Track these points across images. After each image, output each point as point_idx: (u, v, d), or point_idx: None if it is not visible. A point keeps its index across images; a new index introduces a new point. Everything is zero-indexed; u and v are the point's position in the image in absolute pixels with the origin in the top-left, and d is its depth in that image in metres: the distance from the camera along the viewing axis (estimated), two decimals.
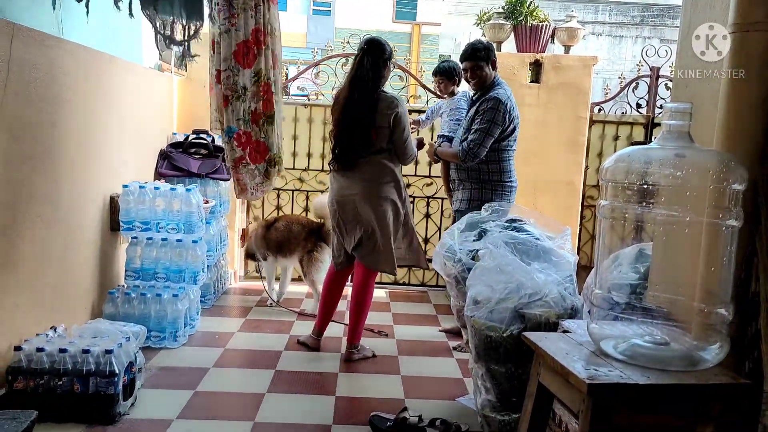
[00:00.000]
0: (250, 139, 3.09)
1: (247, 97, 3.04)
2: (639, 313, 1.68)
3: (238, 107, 3.03)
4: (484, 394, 2.49)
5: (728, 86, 1.57)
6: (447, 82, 4.02)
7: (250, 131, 3.08)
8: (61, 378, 2.53)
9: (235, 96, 3.02)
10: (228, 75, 3.03)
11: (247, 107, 3.05)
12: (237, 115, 3.04)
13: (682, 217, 1.54)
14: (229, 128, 3.05)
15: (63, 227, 3.09)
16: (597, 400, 1.40)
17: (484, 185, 3.56)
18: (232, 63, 3.02)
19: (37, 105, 2.78)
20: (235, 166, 3.15)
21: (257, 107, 3.06)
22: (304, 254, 4.30)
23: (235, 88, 3.02)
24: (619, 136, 5.20)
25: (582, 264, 4.98)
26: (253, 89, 3.05)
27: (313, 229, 4.32)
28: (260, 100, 3.06)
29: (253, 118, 3.07)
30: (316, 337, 3.61)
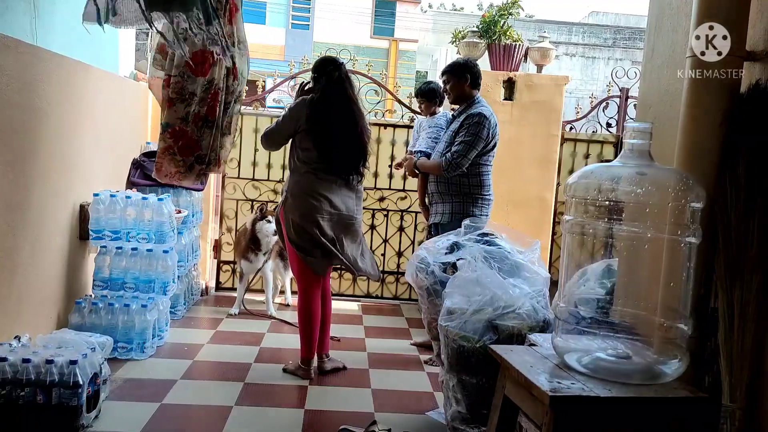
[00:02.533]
0: (186, 135, 3.10)
1: (193, 102, 3.06)
2: (603, 327, 1.71)
3: (181, 109, 3.04)
4: (455, 406, 2.50)
5: (687, 108, 1.63)
6: (428, 103, 4.15)
7: (187, 129, 3.09)
8: (24, 389, 2.47)
9: (180, 99, 3.02)
10: (177, 81, 3.03)
11: (192, 110, 3.07)
12: (179, 114, 3.05)
13: (643, 233, 1.58)
14: (166, 124, 3.06)
15: (30, 234, 3.04)
16: (559, 412, 1.42)
17: (465, 198, 3.62)
18: (183, 70, 3.03)
19: (7, 111, 2.75)
20: (161, 153, 3.15)
21: (200, 110, 3.08)
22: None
23: (183, 93, 3.02)
24: (590, 154, 5.30)
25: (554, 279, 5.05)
26: (202, 95, 3.06)
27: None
28: (206, 105, 3.08)
29: (194, 119, 3.09)
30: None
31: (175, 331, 3.94)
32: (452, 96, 3.71)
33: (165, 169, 3.17)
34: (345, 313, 4.83)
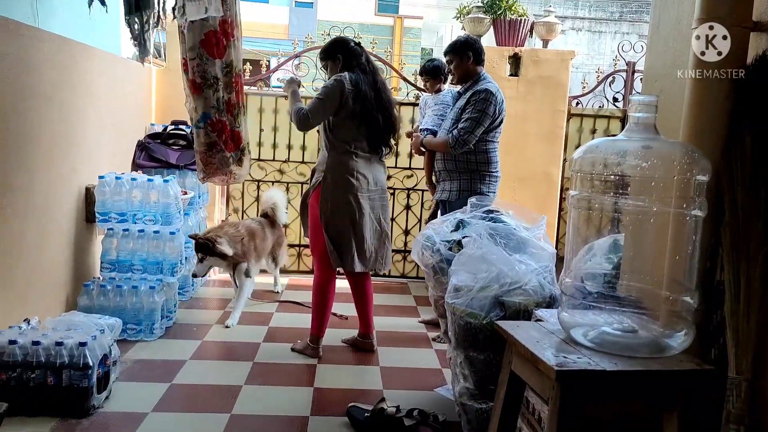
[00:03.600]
0: (226, 128, 3.08)
1: (219, 87, 3.03)
2: (610, 301, 1.71)
3: (210, 95, 3.02)
4: (462, 382, 2.51)
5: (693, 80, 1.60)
6: (432, 80, 4.10)
7: (225, 120, 3.07)
8: (34, 371, 2.50)
9: (207, 84, 3.00)
10: (197, 63, 3.01)
11: (221, 96, 3.05)
12: (211, 102, 3.02)
13: (649, 207, 1.57)
14: (205, 114, 3.03)
15: (37, 218, 3.06)
16: (566, 386, 1.42)
17: (473, 175, 3.59)
18: (199, 52, 3.00)
19: (10, 94, 2.75)
20: (207, 150, 3.12)
21: (231, 97, 3.06)
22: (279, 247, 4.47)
23: (206, 77, 3.00)
24: (597, 129, 5.26)
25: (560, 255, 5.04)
26: (225, 80, 3.04)
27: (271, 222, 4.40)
28: (233, 91, 3.05)
29: (227, 108, 3.06)
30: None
31: (184, 312, 3.98)
32: (457, 76, 3.65)
33: (217, 170, 3.15)
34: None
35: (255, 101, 5.13)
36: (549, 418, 1.45)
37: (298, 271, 5.36)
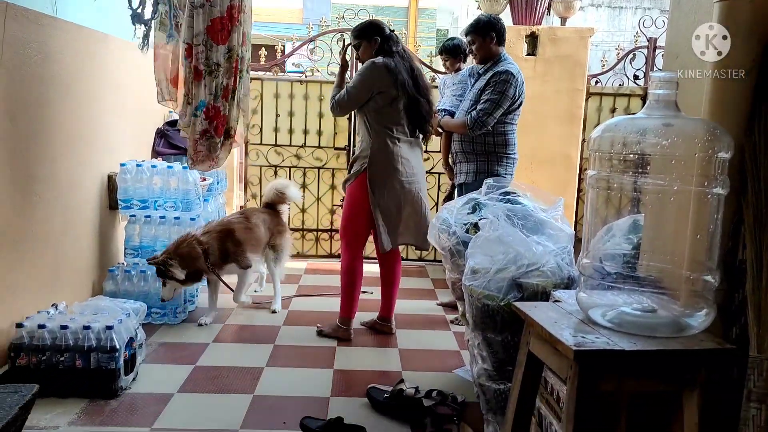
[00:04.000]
0: (219, 113, 3.09)
1: (220, 73, 3.03)
2: (629, 282, 1.70)
3: (211, 83, 3.02)
4: (481, 363, 2.53)
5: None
6: (452, 59, 4.07)
7: (219, 105, 3.08)
8: (63, 354, 2.57)
9: (208, 71, 3.00)
10: (201, 50, 3.01)
11: (220, 83, 3.04)
12: (210, 90, 3.02)
13: (669, 186, 1.55)
14: (201, 102, 3.04)
15: (62, 206, 3.11)
16: (584, 366, 1.43)
17: (490, 157, 3.57)
18: (204, 38, 3.00)
19: (31, 84, 2.78)
20: (200, 137, 3.14)
21: (228, 83, 3.06)
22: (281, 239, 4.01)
23: (209, 64, 3.00)
24: (616, 108, 5.19)
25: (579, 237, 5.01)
26: (227, 65, 3.04)
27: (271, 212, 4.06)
28: (231, 76, 3.06)
29: (224, 93, 3.07)
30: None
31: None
32: (479, 56, 3.59)
33: (206, 156, 3.17)
34: (372, 276, 4.86)
35: (271, 86, 5.15)
36: (567, 398, 1.45)
37: (316, 256, 5.40)
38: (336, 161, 5.32)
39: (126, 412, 2.51)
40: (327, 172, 5.32)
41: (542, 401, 1.96)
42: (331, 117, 5.24)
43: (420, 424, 2.52)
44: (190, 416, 2.50)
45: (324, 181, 5.33)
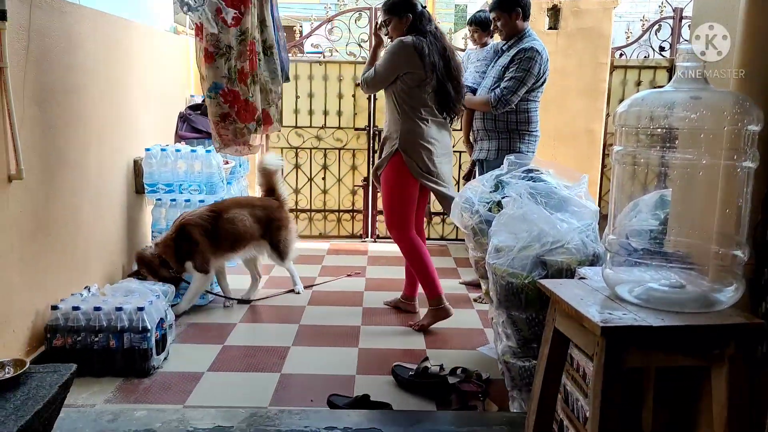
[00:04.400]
0: (238, 98, 3.05)
1: (232, 56, 2.99)
2: (656, 258, 1.69)
3: (222, 65, 2.99)
4: (505, 341, 2.54)
5: (745, 24, 1.54)
6: (481, 32, 3.97)
7: (238, 90, 3.05)
8: (97, 334, 2.65)
9: (218, 53, 2.97)
10: (211, 32, 2.98)
11: (233, 66, 3.01)
12: (221, 72, 2.99)
13: (697, 160, 1.53)
14: (215, 84, 3.00)
15: (91, 192, 3.17)
16: (611, 343, 1.43)
17: (512, 134, 3.54)
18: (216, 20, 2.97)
19: (57, 72, 2.82)
20: (220, 121, 3.12)
21: (243, 66, 3.02)
22: (282, 233, 3.71)
23: (219, 46, 2.96)
24: (642, 81, 5.10)
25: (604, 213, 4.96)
26: (240, 48, 2.99)
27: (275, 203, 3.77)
28: (246, 59, 3.02)
29: (240, 77, 3.03)
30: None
31: (231, 277, 4.08)
32: (504, 33, 3.52)
33: (230, 140, 3.14)
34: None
35: (290, 68, 5.13)
36: (594, 374, 1.46)
37: (339, 236, 5.44)
38: (356, 141, 5.32)
39: (159, 390, 2.58)
40: (348, 153, 5.33)
41: (568, 377, 1.97)
42: (350, 97, 5.24)
43: (445, 401, 2.55)
44: (221, 394, 2.56)
45: (345, 161, 5.34)
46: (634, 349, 1.45)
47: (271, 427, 2.10)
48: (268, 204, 3.75)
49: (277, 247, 3.70)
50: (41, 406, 1.53)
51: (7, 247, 2.45)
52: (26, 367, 1.64)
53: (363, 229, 5.42)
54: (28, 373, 1.64)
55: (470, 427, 2.17)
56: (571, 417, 1.92)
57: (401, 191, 3.26)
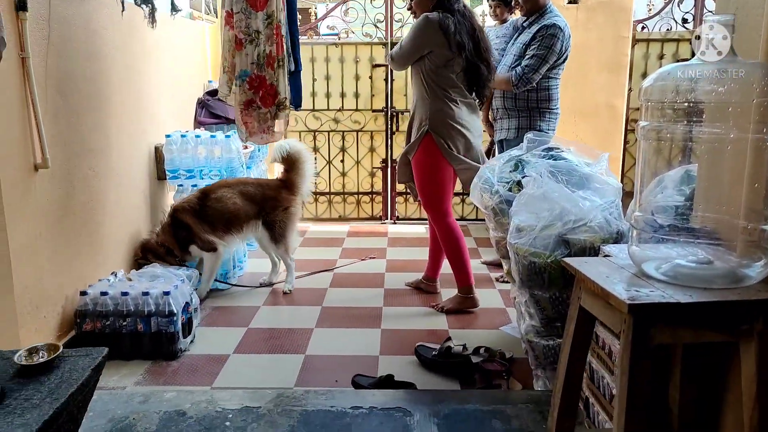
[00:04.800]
0: (264, 83, 3.05)
1: (261, 41, 2.99)
2: (683, 234, 1.67)
3: (252, 51, 2.98)
4: (528, 321, 2.54)
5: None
6: (503, 7, 3.88)
7: (264, 75, 3.04)
8: (125, 319, 2.70)
9: (248, 39, 2.96)
10: (240, 18, 2.98)
11: (262, 51, 3.00)
12: (251, 59, 2.98)
13: (725, 135, 1.51)
14: (243, 72, 3.00)
15: (114, 178, 3.21)
16: (638, 320, 1.42)
17: (533, 113, 3.51)
18: (243, 5, 2.97)
19: (78, 61, 2.84)
20: (244, 108, 3.12)
21: (271, 50, 3.01)
22: (279, 215, 3.57)
23: (248, 32, 2.96)
24: (665, 54, 5.00)
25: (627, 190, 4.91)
26: (267, 32, 2.99)
27: (276, 183, 3.68)
28: (273, 43, 3.01)
29: (267, 61, 3.02)
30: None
31: (253, 261, 4.14)
32: (526, 8, 3.46)
33: (255, 128, 3.14)
34: (414, 236, 4.90)
35: (306, 51, 5.12)
36: (621, 352, 1.45)
37: (358, 219, 5.45)
38: (374, 123, 5.30)
39: (187, 372, 2.62)
40: (366, 135, 5.32)
41: (593, 355, 1.97)
42: (367, 79, 5.21)
43: (469, 381, 2.56)
44: (247, 375, 2.60)
45: (363, 143, 5.33)
46: (662, 326, 1.44)
47: (298, 407, 2.14)
48: (265, 183, 3.66)
49: (272, 228, 3.54)
50: (75, 389, 1.56)
51: (36, 234, 2.50)
52: (59, 352, 1.67)
53: (382, 211, 5.43)
54: (61, 357, 1.67)
55: (495, 405, 2.18)
56: (597, 395, 1.92)
57: (435, 174, 3.18)
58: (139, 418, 2.05)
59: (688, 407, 1.68)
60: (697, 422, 1.68)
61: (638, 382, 1.40)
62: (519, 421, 2.08)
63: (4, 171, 2.19)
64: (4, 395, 1.50)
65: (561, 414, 1.68)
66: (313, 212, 5.40)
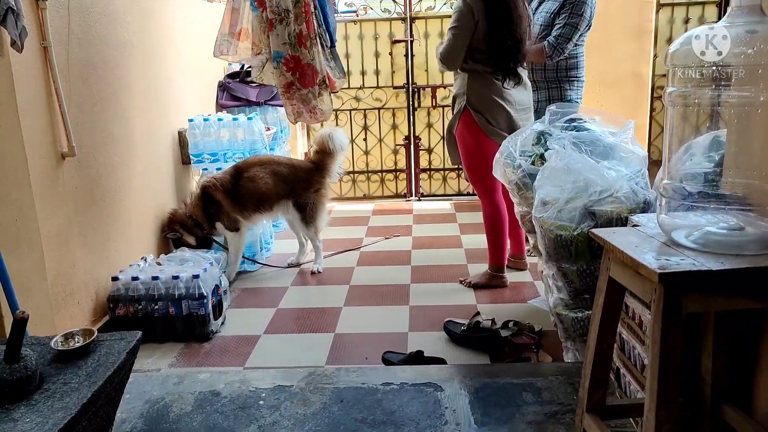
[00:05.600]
0: (300, 63, 3.04)
1: (290, 20, 2.98)
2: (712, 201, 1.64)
3: (282, 31, 2.97)
4: (556, 293, 2.53)
5: None
6: None
7: (299, 55, 3.03)
8: (157, 302, 2.75)
9: (278, 19, 2.95)
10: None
11: (292, 30, 2.99)
12: (282, 39, 2.98)
13: (754, 98, 1.46)
14: (277, 53, 3.00)
15: (139, 164, 3.25)
16: (669, 289, 1.40)
17: (562, 83, 3.45)
18: None
19: (98, 48, 2.87)
20: (285, 91, 3.13)
21: (302, 29, 3.00)
22: (311, 196, 3.57)
23: (278, 11, 2.95)
24: (690, 18, 4.85)
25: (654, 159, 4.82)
26: (296, 11, 2.97)
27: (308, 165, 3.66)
28: (303, 21, 2.99)
29: (299, 40, 3.01)
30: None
31: (279, 242, 4.18)
32: None
33: (301, 109, 3.13)
34: (439, 213, 4.90)
35: None
36: (652, 321, 1.44)
37: (383, 197, 5.46)
38: (396, 100, 5.27)
39: (219, 353, 2.68)
40: (387, 112, 5.29)
41: (623, 326, 1.95)
42: (387, 56, 5.17)
43: (499, 354, 2.56)
44: (278, 355, 2.64)
45: (385, 121, 5.31)
46: (693, 295, 1.42)
47: (329, 384, 2.17)
48: (297, 164, 3.65)
49: (303, 209, 3.54)
50: (112, 372, 1.60)
51: (66, 222, 2.55)
52: (94, 336, 1.71)
53: (406, 188, 5.42)
54: (96, 341, 1.71)
55: (525, 377, 2.19)
56: (628, 365, 1.91)
57: (477, 150, 3.14)
58: (174, 399, 2.10)
59: (721, 375, 1.66)
60: (730, 390, 1.66)
61: (670, 351, 1.39)
62: (550, 393, 2.08)
63: (32, 160, 2.23)
64: (42, 380, 1.55)
65: (592, 385, 1.67)
66: (337, 192, 5.41)
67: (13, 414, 1.42)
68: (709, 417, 1.67)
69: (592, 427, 1.63)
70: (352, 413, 1.98)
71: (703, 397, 1.68)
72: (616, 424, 1.85)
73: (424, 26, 5.13)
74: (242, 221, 3.48)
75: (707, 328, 1.68)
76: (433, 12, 5.13)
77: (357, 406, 2.02)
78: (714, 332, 1.66)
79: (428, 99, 5.21)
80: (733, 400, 1.65)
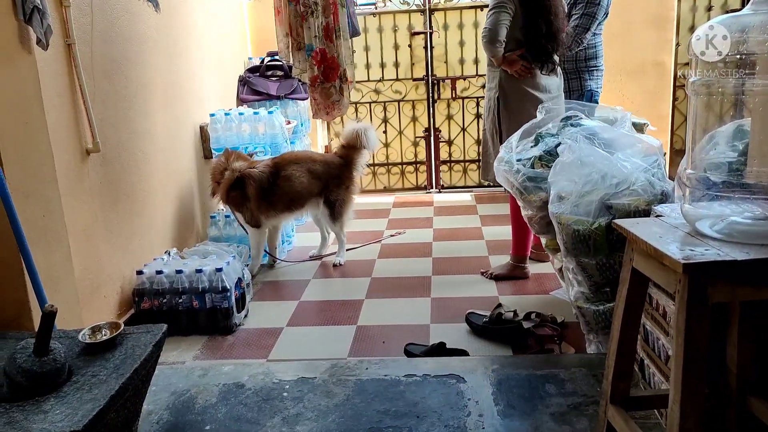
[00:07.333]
0: (326, 56, 3.07)
1: (319, 12, 3.00)
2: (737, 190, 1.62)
3: (312, 23, 3.00)
4: (576, 287, 2.51)
5: None
6: None
7: (325, 48, 3.06)
8: (181, 296, 2.79)
9: (310, 11, 2.98)
10: None
11: (320, 23, 3.02)
12: (313, 31, 3.01)
13: None
14: (309, 46, 3.03)
15: (162, 159, 3.29)
16: (693, 279, 1.39)
17: (581, 73, 3.42)
18: None
19: (121, 44, 2.90)
20: (311, 85, 3.16)
21: (328, 22, 3.02)
22: (342, 193, 3.60)
23: (308, 3, 2.98)
24: (713, 5, 4.76)
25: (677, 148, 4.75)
26: (323, 3, 3.00)
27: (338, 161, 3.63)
28: (330, 13, 3.01)
29: (326, 33, 3.04)
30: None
31: (300, 235, 4.20)
32: None
33: (321, 104, 3.15)
34: (460, 205, 4.89)
35: None
36: (677, 312, 1.42)
37: (403, 189, 5.46)
38: (415, 92, 5.26)
39: (243, 345, 2.71)
40: (407, 105, 5.28)
41: (647, 317, 1.94)
42: (406, 48, 5.16)
43: (521, 346, 2.56)
44: (301, 347, 2.67)
45: (405, 113, 5.30)
46: (719, 285, 1.40)
47: (352, 376, 2.18)
48: (330, 160, 3.64)
49: (333, 206, 3.56)
50: (138, 364, 1.63)
51: (92, 217, 2.60)
52: (121, 329, 1.74)
53: (427, 180, 5.41)
54: (123, 334, 1.75)
55: (548, 369, 2.18)
56: (653, 356, 1.90)
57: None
58: (199, 391, 2.14)
59: (747, 366, 1.64)
60: (756, 381, 1.64)
61: (695, 342, 1.38)
62: (573, 384, 2.07)
63: (58, 156, 2.27)
64: (71, 372, 1.59)
65: (616, 376, 1.67)
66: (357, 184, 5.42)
67: (43, 406, 1.46)
68: (735, 408, 1.65)
69: (616, 419, 1.62)
70: (375, 405, 2.00)
71: (729, 389, 1.66)
72: (640, 415, 1.84)
73: (443, 18, 5.11)
74: (263, 221, 3.46)
75: (733, 318, 1.66)
76: (452, 3, 5.10)
77: (379, 398, 2.04)
78: (740, 323, 1.64)
79: (448, 91, 5.19)
80: (759, 391, 1.63)
